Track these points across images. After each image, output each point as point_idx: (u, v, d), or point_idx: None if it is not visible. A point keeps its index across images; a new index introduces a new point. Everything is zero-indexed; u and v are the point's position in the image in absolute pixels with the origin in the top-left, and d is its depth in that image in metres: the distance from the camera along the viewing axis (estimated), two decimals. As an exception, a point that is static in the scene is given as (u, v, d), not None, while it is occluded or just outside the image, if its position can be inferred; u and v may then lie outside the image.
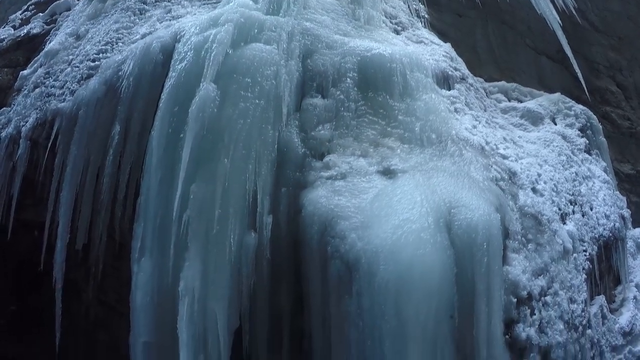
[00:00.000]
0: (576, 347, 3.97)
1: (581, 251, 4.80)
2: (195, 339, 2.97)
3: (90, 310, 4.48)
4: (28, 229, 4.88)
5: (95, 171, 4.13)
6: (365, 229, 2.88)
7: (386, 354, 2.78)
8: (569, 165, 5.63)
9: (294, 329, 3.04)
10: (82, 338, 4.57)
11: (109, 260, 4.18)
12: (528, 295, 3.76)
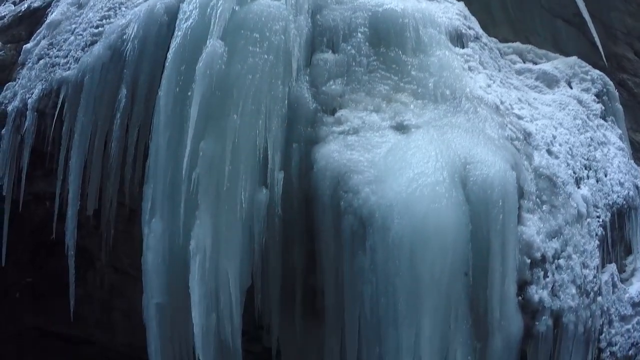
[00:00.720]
0: (587, 313, 3.92)
1: (595, 217, 4.71)
2: (207, 298, 2.94)
3: (104, 277, 4.51)
4: (40, 201, 4.88)
5: (103, 136, 4.07)
6: (379, 182, 2.81)
7: (400, 311, 2.74)
8: (584, 129, 5.49)
9: (306, 287, 3.01)
10: (97, 305, 4.61)
11: (120, 226, 4.17)
12: (542, 257, 3.69)
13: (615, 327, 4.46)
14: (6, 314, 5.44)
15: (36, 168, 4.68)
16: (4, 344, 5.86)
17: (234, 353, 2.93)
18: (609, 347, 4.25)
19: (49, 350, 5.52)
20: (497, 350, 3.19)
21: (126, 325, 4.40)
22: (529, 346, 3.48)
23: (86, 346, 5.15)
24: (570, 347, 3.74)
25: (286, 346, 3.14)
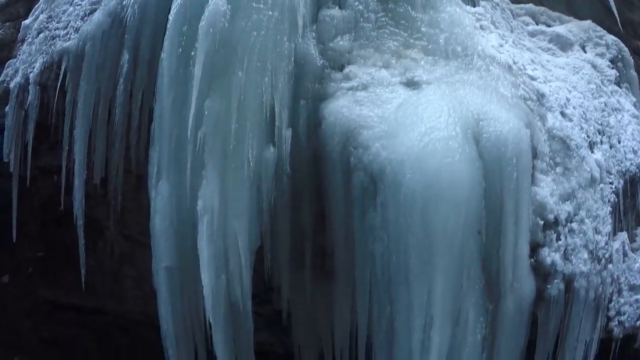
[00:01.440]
0: (598, 280, 3.84)
1: (607, 183, 4.59)
2: (216, 259, 2.89)
3: (114, 246, 4.48)
4: (47, 175, 4.85)
5: (107, 103, 3.99)
6: (390, 137, 2.71)
7: (412, 269, 2.67)
8: (598, 94, 5.32)
9: (316, 247, 2.94)
10: (108, 275, 4.60)
11: (128, 194, 4.12)
12: (555, 219, 3.60)
13: (624, 297, 4.38)
14: (20, 289, 5.48)
15: (41, 142, 4.63)
16: (20, 319, 5.91)
17: (244, 315, 2.89)
18: (618, 316, 4.19)
19: (63, 322, 5.56)
20: (509, 312, 3.12)
21: (137, 293, 4.39)
22: (540, 310, 3.42)
23: (99, 316, 5.17)
24: (581, 312, 3.67)
25: (296, 307, 3.09)
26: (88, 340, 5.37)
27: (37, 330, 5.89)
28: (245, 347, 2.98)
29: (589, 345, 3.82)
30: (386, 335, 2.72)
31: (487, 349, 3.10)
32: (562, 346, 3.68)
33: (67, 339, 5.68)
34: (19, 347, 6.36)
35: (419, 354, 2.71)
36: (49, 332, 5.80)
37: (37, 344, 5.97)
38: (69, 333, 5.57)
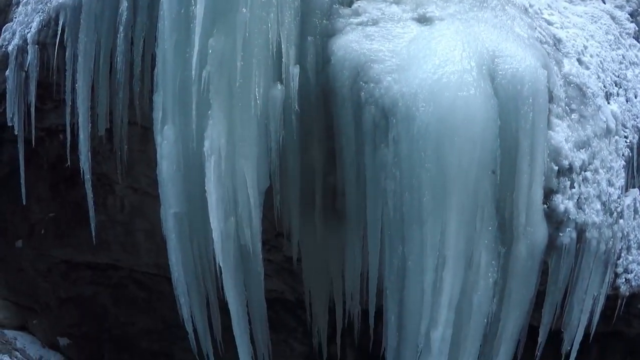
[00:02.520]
0: (609, 233, 3.73)
1: (622, 136, 4.41)
2: (225, 201, 2.78)
3: (124, 200, 4.42)
4: (53, 135, 4.76)
5: (108, 54, 3.83)
6: (402, 71, 2.55)
7: (425, 206, 2.55)
8: (616, 46, 5.07)
9: (326, 187, 2.82)
10: (120, 229, 4.56)
11: (135, 146, 4.02)
12: (569, 166, 3.46)
13: (632, 255, 4.27)
14: (34, 252, 5.48)
15: (44, 102, 4.52)
16: (36, 281, 5.95)
17: (254, 258, 2.80)
18: (625, 273, 4.09)
19: (79, 281, 5.58)
20: (521, 257, 3.02)
21: (150, 245, 4.34)
22: (551, 258, 3.32)
23: (113, 271, 5.17)
24: (591, 264, 3.58)
25: (307, 251, 3.00)
26: (105, 296, 5.39)
27: (54, 290, 5.93)
28: (255, 292, 2.91)
29: (596, 300, 3.75)
30: (397, 277, 2.63)
31: (498, 294, 3.02)
32: (570, 298, 3.61)
33: (84, 297, 5.71)
34: (37, 308, 6.44)
35: (431, 295, 2.62)
36: (65, 291, 5.84)
37: (55, 304, 6.02)
38: (86, 291, 5.60)
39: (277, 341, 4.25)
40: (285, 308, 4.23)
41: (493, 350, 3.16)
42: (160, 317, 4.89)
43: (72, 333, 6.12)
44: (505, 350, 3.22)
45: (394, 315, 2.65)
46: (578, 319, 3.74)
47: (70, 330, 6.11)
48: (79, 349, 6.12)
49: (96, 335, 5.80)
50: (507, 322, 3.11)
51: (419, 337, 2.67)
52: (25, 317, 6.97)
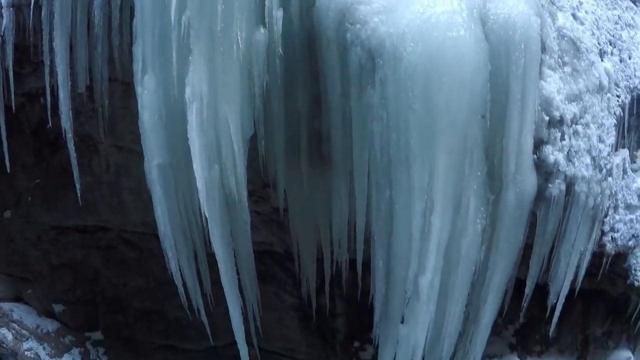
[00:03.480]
0: (598, 189, 3.71)
1: (615, 95, 4.34)
2: (208, 149, 2.69)
3: (109, 159, 4.31)
4: (34, 99, 4.62)
5: (85, 8, 3.66)
6: (389, 12, 2.44)
7: (412, 148, 2.48)
8: (612, 6, 4.95)
9: (312, 132, 2.73)
10: (107, 190, 4.46)
11: (117, 103, 3.90)
12: (560, 118, 3.41)
13: (619, 214, 4.27)
14: (23, 220, 5.39)
15: (23, 66, 4.36)
16: (28, 250, 5.88)
17: (240, 206, 2.73)
18: (611, 232, 4.10)
19: (69, 246, 5.52)
20: (510, 205, 2.98)
21: (137, 204, 4.27)
22: (540, 209, 3.30)
23: (102, 233, 5.10)
24: (579, 218, 3.57)
25: (293, 200, 2.94)
26: (95, 259, 5.34)
27: (45, 258, 5.88)
28: (243, 242, 2.85)
29: (582, 256, 3.77)
30: (385, 222, 2.58)
31: (486, 242, 2.98)
32: (557, 251, 3.62)
33: (75, 262, 5.66)
34: (30, 278, 6.40)
35: (419, 240, 2.58)
36: (57, 257, 5.79)
37: (48, 272, 5.97)
38: (76, 255, 5.55)
39: (267, 293, 4.26)
40: (274, 260, 4.20)
41: (481, 300, 3.15)
42: (151, 275, 4.87)
43: (66, 299, 6.10)
44: (493, 300, 3.22)
45: (382, 261, 2.61)
46: (564, 273, 3.76)
47: (64, 297, 6.10)
48: (74, 314, 6.11)
49: (89, 298, 5.78)
50: (495, 271, 3.09)
51: (407, 283, 2.64)
52: (20, 287, 6.93)
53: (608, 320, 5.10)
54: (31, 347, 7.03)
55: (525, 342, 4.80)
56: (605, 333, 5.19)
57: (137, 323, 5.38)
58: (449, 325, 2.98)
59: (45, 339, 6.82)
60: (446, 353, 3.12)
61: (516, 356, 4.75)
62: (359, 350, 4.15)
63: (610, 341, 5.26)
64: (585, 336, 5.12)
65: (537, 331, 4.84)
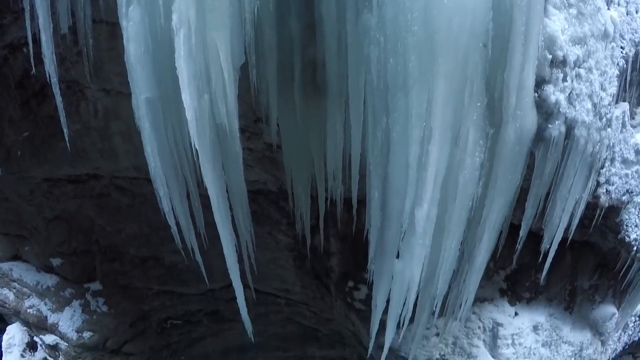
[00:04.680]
0: (597, 137, 3.60)
1: (619, 46, 4.16)
2: (197, 78, 2.51)
3: (97, 104, 4.14)
4: (16, 50, 4.39)
5: (65, -56, 3.38)
6: None
7: (411, 73, 2.32)
8: (622, -46, 4.68)
9: (305, 59, 2.57)
10: (96, 136, 4.31)
11: (102, 44, 3.69)
12: (563, 58, 3.24)
13: (615, 167, 4.19)
14: (14, 176, 5.24)
15: (4, 16, 4.10)
16: (21, 206, 5.77)
17: (231, 137, 2.59)
18: (607, 184, 4.03)
19: (62, 197, 5.41)
20: (509, 141, 2.86)
21: (128, 148, 4.13)
22: (538, 150, 3.19)
23: (95, 181, 4.99)
24: (577, 163, 3.48)
25: (286, 132, 2.80)
26: (89, 208, 5.25)
27: (39, 212, 5.78)
28: (235, 175, 2.72)
29: (577, 204, 3.70)
30: (381, 151, 2.46)
31: (484, 178, 2.88)
32: (554, 195, 3.54)
33: (70, 213, 5.57)
34: (26, 234, 6.32)
35: (416, 170, 2.46)
36: (51, 210, 5.69)
37: (43, 226, 5.89)
38: (70, 206, 5.45)
39: (262, 234, 4.21)
40: (268, 200, 4.11)
41: (476, 237, 3.09)
42: (146, 221, 4.80)
43: (63, 252, 6.05)
44: (488, 238, 3.16)
45: (378, 192, 2.51)
46: (559, 218, 3.70)
47: (60, 249, 6.04)
48: (72, 266, 6.09)
49: (86, 249, 5.74)
50: (491, 209, 3.01)
51: (403, 215, 2.54)
52: (17, 246, 6.87)
53: (596, 273, 5.14)
54: (33, 304, 7.05)
55: (515, 288, 4.83)
56: (592, 286, 5.24)
57: (134, 270, 5.36)
58: (444, 261, 2.92)
59: (45, 294, 6.83)
60: (440, 291, 3.09)
61: (506, 301, 4.78)
62: (353, 290, 4.14)
63: (597, 295, 5.32)
64: (574, 287, 5.17)
65: (528, 278, 4.87)
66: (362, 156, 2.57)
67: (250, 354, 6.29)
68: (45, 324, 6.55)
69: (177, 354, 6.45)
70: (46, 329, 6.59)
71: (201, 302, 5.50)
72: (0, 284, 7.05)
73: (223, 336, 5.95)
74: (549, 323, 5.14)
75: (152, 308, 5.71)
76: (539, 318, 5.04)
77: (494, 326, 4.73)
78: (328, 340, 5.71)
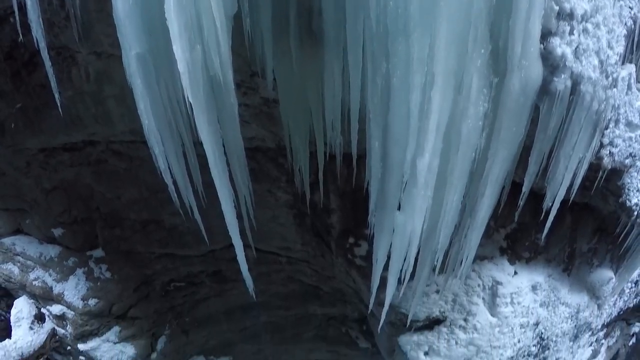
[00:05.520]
0: (603, 95, 3.46)
1: (627, 6, 3.98)
2: (189, 29, 2.37)
3: (89, 68, 3.98)
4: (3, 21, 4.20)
5: None
6: None
7: (412, 15, 2.19)
8: None
9: (301, 8, 2.42)
10: (90, 100, 4.16)
11: (90, 6, 3.51)
12: (570, 11, 3.11)
13: (620, 129, 4.07)
14: (10, 149, 5.13)
15: None
16: (19, 180, 5.68)
17: (225, 89, 2.47)
18: (610, 146, 3.92)
19: (59, 167, 5.32)
20: (514, 91, 2.74)
21: (122, 111, 4.01)
22: (543, 103, 3.08)
23: (91, 147, 4.89)
24: (582, 120, 3.37)
25: (283, 84, 2.68)
26: (87, 176, 5.17)
27: (37, 183, 5.70)
28: (231, 129, 2.61)
29: (580, 163, 3.61)
30: (381, 99, 2.34)
31: (487, 128, 2.78)
32: (557, 152, 3.45)
33: (68, 182, 5.49)
34: (26, 207, 6.26)
35: (417, 118, 2.36)
36: (49, 181, 5.61)
37: (42, 197, 5.82)
38: (68, 175, 5.37)
39: (261, 192, 4.15)
40: (267, 157, 4.02)
41: (478, 191, 3.01)
42: (144, 184, 4.72)
43: (64, 221, 6.01)
44: (491, 193, 3.08)
45: (378, 142, 2.41)
46: (562, 176, 3.62)
47: (61, 219, 6.00)
48: (73, 234, 6.06)
49: (86, 217, 5.69)
50: (494, 162, 2.92)
51: (404, 166, 2.45)
52: (18, 220, 6.83)
53: (595, 237, 5.11)
54: (38, 276, 7.08)
55: (515, 247, 4.81)
56: (591, 249, 5.22)
57: (135, 235, 5.33)
58: (446, 214, 2.85)
59: (49, 265, 6.85)
60: (442, 245, 3.04)
61: (506, 260, 4.77)
62: (354, 247, 4.10)
63: (595, 259, 5.30)
64: (572, 250, 5.15)
65: (527, 238, 4.84)
66: (362, 105, 2.46)
67: (253, 313, 6.38)
68: (51, 294, 6.60)
69: (182, 315, 6.53)
70: (52, 299, 6.64)
71: (203, 263, 5.50)
72: (4, 259, 7.06)
73: (226, 296, 5.99)
74: (548, 284, 5.15)
75: (155, 272, 5.72)
76: (538, 278, 5.04)
77: (493, 284, 4.74)
78: (329, 298, 5.75)
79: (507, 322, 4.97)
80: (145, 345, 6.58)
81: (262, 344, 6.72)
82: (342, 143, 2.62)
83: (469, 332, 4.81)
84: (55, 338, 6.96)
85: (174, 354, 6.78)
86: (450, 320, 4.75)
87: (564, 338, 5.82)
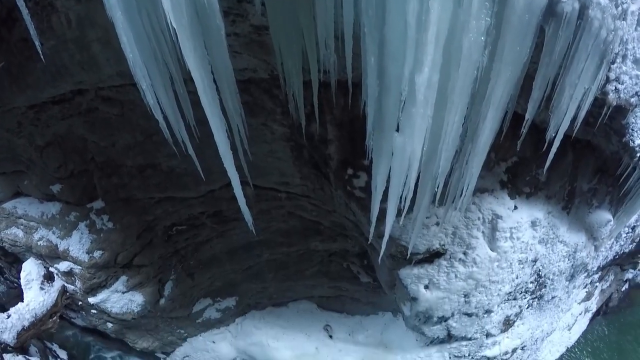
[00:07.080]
0: (611, 25, 3.29)
1: None
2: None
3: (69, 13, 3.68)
4: None
5: None
6: None
7: None
8: None
9: None
10: (73, 47, 3.91)
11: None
12: None
13: (627, 65, 3.87)
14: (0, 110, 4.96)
15: None
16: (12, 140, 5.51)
17: (210, 10, 2.29)
18: (616, 82, 3.73)
19: (50, 121, 5.14)
20: (518, 7, 2.57)
21: (108, 54, 3.80)
22: (549, 26, 2.89)
23: (80, 97, 4.70)
24: (589, 48, 3.19)
25: (272, 9, 2.48)
26: (79, 127, 5.01)
27: (31, 142, 5.55)
28: (219, 54, 2.44)
29: (585, 96, 3.45)
30: (376, 9, 2.18)
31: (490, 46, 2.63)
32: (562, 80, 3.29)
33: (61, 136, 5.35)
34: (23, 168, 6.15)
35: (415, 31, 2.20)
36: (42, 137, 5.46)
37: (37, 155, 5.69)
38: (60, 129, 5.21)
39: (256, 125, 4.01)
40: (260, 89, 3.85)
41: (480, 114, 2.90)
42: (137, 128, 4.59)
43: (61, 177, 5.91)
44: (493, 117, 2.96)
45: (374, 57, 2.26)
46: (567, 105, 3.48)
47: (58, 175, 5.90)
48: (72, 189, 5.97)
49: (83, 169, 5.59)
50: (497, 83, 2.78)
51: (402, 82, 2.32)
52: (16, 182, 6.72)
53: (595, 177, 5.03)
54: (42, 236, 7.07)
55: (515, 181, 4.75)
56: (591, 189, 5.16)
57: (133, 181, 5.25)
58: (447, 136, 2.74)
59: (52, 223, 6.83)
60: (443, 170, 2.95)
61: (506, 194, 4.73)
62: (353, 178, 4.03)
63: (595, 199, 5.25)
64: (573, 188, 5.10)
65: (528, 172, 4.78)
66: (355, 20, 2.29)
67: (255, 252, 6.45)
68: (57, 251, 6.63)
69: (186, 259, 6.61)
70: (58, 256, 6.68)
71: (203, 204, 5.46)
72: (8, 224, 7.04)
73: (228, 236, 6.02)
74: (547, 220, 5.14)
75: (156, 217, 5.70)
76: (538, 214, 5.03)
77: (493, 218, 4.72)
78: (330, 233, 5.78)
79: (506, 257, 5.01)
80: (153, 292, 6.71)
81: (265, 282, 6.85)
82: (336, 63, 2.46)
83: (469, 265, 4.85)
84: (66, 295, 7.08)
85: (181, 298, 6.93)
86: (450, 253, 4.77)
87: (561, 277, 5.90)
